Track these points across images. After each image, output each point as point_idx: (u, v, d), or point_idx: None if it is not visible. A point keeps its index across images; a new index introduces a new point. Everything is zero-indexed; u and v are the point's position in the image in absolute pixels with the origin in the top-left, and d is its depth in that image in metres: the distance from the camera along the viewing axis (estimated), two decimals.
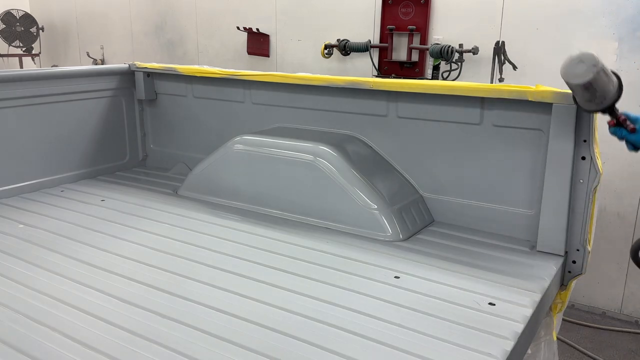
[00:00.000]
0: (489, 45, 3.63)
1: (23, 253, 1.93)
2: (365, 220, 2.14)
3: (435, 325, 1.47)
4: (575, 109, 1.83)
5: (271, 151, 2.38)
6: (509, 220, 2.14)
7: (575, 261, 1.98)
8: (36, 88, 2.65)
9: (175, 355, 1.33)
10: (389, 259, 1.91)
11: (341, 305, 1.57)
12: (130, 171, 3.12)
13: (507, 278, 1.77)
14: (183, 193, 2.64)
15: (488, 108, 2.11)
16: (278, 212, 2.35)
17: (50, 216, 2.32)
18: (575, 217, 1.95)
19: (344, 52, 4.26)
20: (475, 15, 3.75)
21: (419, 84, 2.22)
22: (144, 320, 1.49)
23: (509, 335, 1.42)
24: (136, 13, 5.71)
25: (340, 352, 1.34)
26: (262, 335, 1.42)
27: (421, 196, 2.33)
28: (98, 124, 2.96)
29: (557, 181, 1.92)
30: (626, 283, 3.58)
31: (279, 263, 1.87)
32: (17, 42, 6.03)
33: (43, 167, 2.73)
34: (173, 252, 1.96)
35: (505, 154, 2.12)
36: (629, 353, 3.28)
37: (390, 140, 2.39)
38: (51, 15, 6.43)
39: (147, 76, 3.06)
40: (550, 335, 1.97)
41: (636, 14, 3.24)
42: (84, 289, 1.68)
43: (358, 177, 2.19)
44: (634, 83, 3.23)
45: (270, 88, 2.68)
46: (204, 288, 1.68)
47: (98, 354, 1.33)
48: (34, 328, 1.45)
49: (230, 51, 5.10)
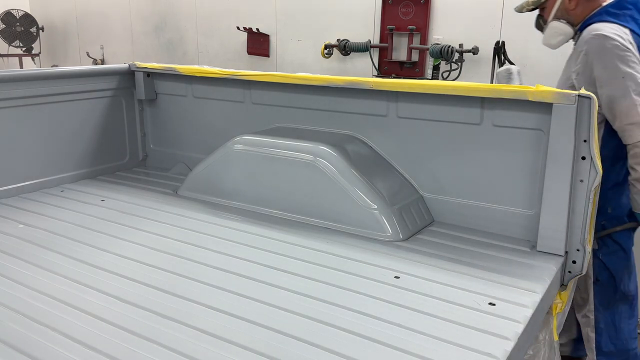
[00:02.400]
0: (489, 45, 3.63)
1: (23, 253, 1.93)
2: (365, 220, 2.14)
3: (435, 325, 1.47)
4: (575, 109, 1.83)
5: (271, 151, 2.38)
6: (509, 220, 2.14)
7: (575, 261, 1.98)
8: (36, 88, 2.65)
9: (175, 355, 1.33)
10: (389, 259, 1.91)
11: (341, 305, 1.57)
12: (130, 171, 3.12)
13: (507, 278, 1.77)
14: (183, 193, 2.64)
15: (488, 108, 2.11)
16: (278, 212, 2.35)
17: (50, 216, 2.32)
18: (575, 217, 1.95)
19: (344, 52, 4.26)
20: (475, 15, 3.75)
21: (419, 84, 2.22)
22: (144, 320, 1.49)
23: (509, 335, 1.42)
24: (136, 13, 5.71)
25: (340, 352, 1.34)
26: (262, 335, 1.42)
27: (421, 196, 2.33)
28: (98, 124, 2.95)
29: (557, 181, 1.92)
30: None
31: (278, 263, 1.87)
32: (17, 42, 6.03)
33: (43, 167, 2.73)
34: (173, 252, 1.96)
35: (506, 154, 2.12)
36: None
37: (390, 140, 2.39)
38: (51, 15, 6.43)
39: (147, 76, 3.06)
40: (551, 335, 1.97)
41: None
42: (84, 289, 1.68)
43: (358, 177, 2.19)
44: None
45: (270, 88, 2.68)
46: (204, 288, 1.68)
47: (98, 354, 1.33)
48: (34, 328, 1.45)
49: (230, 51, 5.10)
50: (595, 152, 1.86)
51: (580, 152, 1.89)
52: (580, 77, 2.22)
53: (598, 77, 2.15)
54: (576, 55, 2.25)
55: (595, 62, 2.15)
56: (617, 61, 2.09)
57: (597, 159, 1.86)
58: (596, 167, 1.87)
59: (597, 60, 2.14)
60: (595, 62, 2.15)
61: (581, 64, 2.21)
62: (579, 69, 2.24)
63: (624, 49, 2.11)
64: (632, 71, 2.09)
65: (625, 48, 2.12)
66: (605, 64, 2.11)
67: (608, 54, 2.12)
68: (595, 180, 1.88)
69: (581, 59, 2.20)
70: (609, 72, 2.12)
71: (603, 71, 2.13)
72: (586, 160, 1.88)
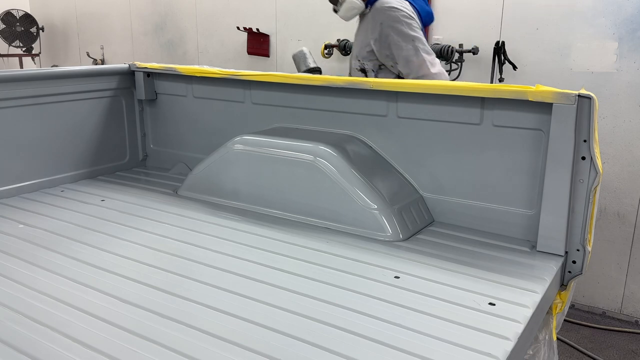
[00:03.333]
0: (489, 45, 3.63)
1: (23, 253, 1.93)
2: (365, 220, 2.14)
3: (435, 325, 1.47)
4: (575, 109, 1.84)
5: (271, 151, 2.38)
6: (509, 220, 2.14)
7: (575, 261, 1.98)
8: (36, 88, 2.65)
9: (175, 355, 1.33)
10: (389, 259, 1.91)
11: (341, 305, 1.57)
12: (130, 171, 3.12)
13: (507, 278, 1.77)
14: (183, 193, 2.64)
15: (488, 108, 2.11)
16: (278, 212, 2.35)
17: (50, 216, 2.32)
18: (575, 217, 1.95)
19: (344, 52, 4.26)
20: (475, 15, 3.75)
21: (419, 84, 2.22)
22: (144, 320, 1.49)
23: (509, 335, 1.42)
24: (136, 13, 5.71)
25: (340, 352, 1.34)
26: (262, 335, 1.42)
27: (421, 196, 2.33)
28: (98, 124, 2.96)
29: (557, 181, 1.93)
30: (626, 283, 3.58)
31: (278, 263, 1.87)
32: (17, 42, 6.03)
33: (43, 167, 2.73)
34: (173, 252, 1.96)
35: (505, 154, 2.12)
36: (629, 353, 3.28)
37: (390, 140, 2.39)
38: (51, 15, 6.43)
39: (147, 76, 3.06)
40: (551, 335, 1.97)
41: (636, 13, 3.24)
42: (84, 289, 1.68)
43: (358, 177, 2.19)
44: (634, 83, 3.23)
45: (270, 88, 2.68)
46: (204, 288, 1.69)
47: (98, 354, 1.33)
48: (34, 328, 1.45)
49: (230, 51, 5.10)
50: (596, 152, 1.86)
51: (580, 152, 1.89)
52: (378, 43, 2.68)
53: (393, 41, 2.65)
54: (372, 25, 2.65)
55: (390, 30, 2.60)
56: (407, 28, 2.61)
57: (597, 159, 1.86)
58: (596, 167, 1.87)
59: (391, 28, 2.60)
60: (390, 30, 2.60)
61: (378, 32, 2.64)
62: (376, 36, 2.69)
63: (410, 17, 2.63)
64: (419, 35, 2.65)
65: (410, 17, 2.64)
66: (398, 30, 2.60)
67: (399, 22, 2.63)
68: (596, 180, 1.88)
69: (378, 27, 2.62)
70: (402, 37, 2.62)
71: (397, 37, 2.61)
72: (586, 160, 1.89)
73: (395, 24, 2.65)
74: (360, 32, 2.93)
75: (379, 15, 2.69)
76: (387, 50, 2.71)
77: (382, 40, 2.72)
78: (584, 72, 3.41)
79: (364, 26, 2.86)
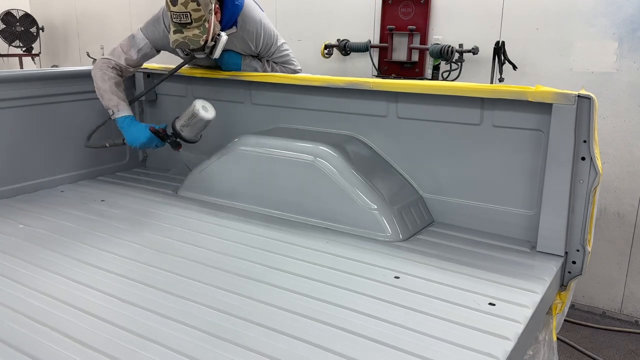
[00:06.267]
0: (489, 45, 3.62)
1: (23, 253, 1.93)
2: (365, 221, 2.14)
3: (435, 325, 1.47)
4: (575, 109, 1.84)
5: (271, 151, 2.38)
6: (509, 221, 2.14)
7: (575, 261, 1.98)
8: (36, 88, 2.65)
9: (175, 355, 1.33)
10: (389, 259, 1.91)
11: (341, 305, 1.57)
12: (131, 172, 3.12)
13: (507, 278, 1.77)
14: (183, 193, 2.64)
15: (488, 108, 2.11)
16: (278, 212, 2.35)
17: (50, 216, 2.32)
18: (575, 217, 1.95)
19: (344, 52, 4.26)
20: (475, 15, 3.74)
21: (419, 84, 2.22)
22: (144, 320, 1.49)
23: (509, 336, 1.42)
24: (136, 13, 5.71)
25: (340, 352, 1.35)
26: (262, 335, 1.42)
27: (421, 196, 2.33)
28: (98, 124, 2.95)
29: (557, 181, 1.93)
30: (626, 283, 3.58)
31: (279, 263, 1.87)
32: (17, 42, 6.03)
33: (43, 168, 2.73)
34: (173, 252, 1.96)
35: (505, 154, 2.12)
36: (629, 353, 3.27)
37: (390, 141, 2.39)
38: (51, 15, 6.43)
39: (147, 76, 3.06)
40: (551, 335, 1.97)
41: (636, 13, 3.24)
42: (84, 289, 1.68)
43: (358, 178, 2.19)
44: (634, 83, 3.23)
45: (270, 89, 2.68)
46: (204, 288, 1.69)
47: (98, 354, 1.33)
48: (34, 328, 1.45)
49: None
50: (596, 152, 1.86)
51: (580, 153, 1.89)
52: (259, 44, 2.72)
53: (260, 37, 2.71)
54: (250, 35, 2.66)
55: (259, 31, 2.68)
56: (272, 25, 2.79)
57: (597, 160, 1.86)
58: (596, 167, 1.87)
59: (260, 30, 2.68)
60: (259, 31, 2.68)
61: (255, 37, 2.68)
62: (256, 42, 2.70)
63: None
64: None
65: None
66: (264, 30, 2.71)
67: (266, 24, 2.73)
68: (595, 180, 1.88)
69: (256, 34, 2.67)
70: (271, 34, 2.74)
71: (264, 33, 2.70)
72: (586, 161, 1.89)
73: (263, 25, 2.75)
74: (234, 42, 2.70)
75: (254, 26, 2.70)
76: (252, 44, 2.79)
77: (259, 41, 2.79)
78: (584, 72, 3.41)
79: (235, 38, 2.67)
